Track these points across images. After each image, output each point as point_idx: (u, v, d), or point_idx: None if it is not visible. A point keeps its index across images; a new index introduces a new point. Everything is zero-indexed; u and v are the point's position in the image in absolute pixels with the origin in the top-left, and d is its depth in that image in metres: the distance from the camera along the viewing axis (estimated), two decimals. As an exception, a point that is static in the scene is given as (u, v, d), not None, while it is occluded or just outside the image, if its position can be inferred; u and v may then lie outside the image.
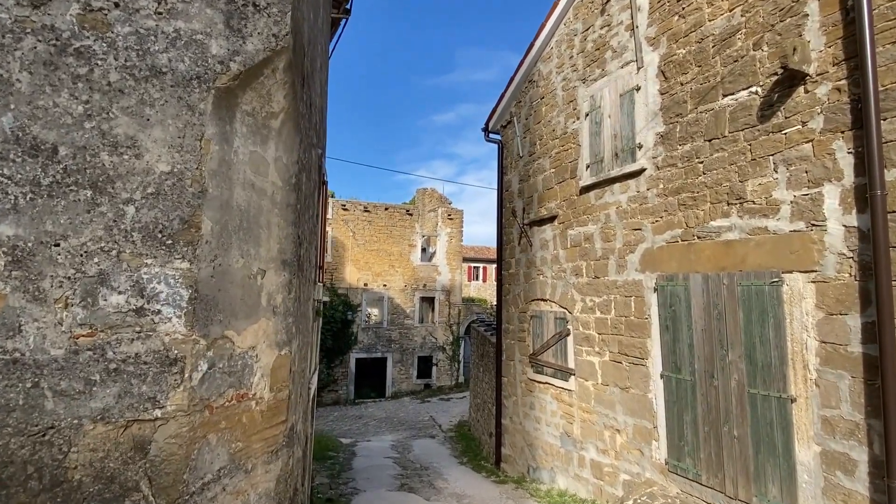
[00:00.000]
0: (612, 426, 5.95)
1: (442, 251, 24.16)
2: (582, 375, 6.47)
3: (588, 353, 6.37)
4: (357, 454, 11.04)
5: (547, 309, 7.25)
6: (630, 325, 5.70)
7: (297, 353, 3.49)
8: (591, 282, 6.36)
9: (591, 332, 6.33)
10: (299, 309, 3.52)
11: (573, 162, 6.80)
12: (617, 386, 5.88)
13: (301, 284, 3.61)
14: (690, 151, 5.04)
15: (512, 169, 8.40)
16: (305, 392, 4.43)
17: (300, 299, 3.55)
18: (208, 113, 2.42)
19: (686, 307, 5.01)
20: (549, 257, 7.22)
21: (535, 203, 7.61)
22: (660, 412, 5.30)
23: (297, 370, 3.47)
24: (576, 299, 6.62)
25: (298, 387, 3.65)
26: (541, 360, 7.30)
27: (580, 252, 6.58)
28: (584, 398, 6.44)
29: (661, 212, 5.35)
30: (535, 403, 7.46)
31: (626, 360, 5.76)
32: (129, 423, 2.15)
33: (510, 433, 8.16)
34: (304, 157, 3.56)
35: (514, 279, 8.15)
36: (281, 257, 2.98)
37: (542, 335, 7.31)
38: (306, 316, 4.12)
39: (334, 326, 21.00)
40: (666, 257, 5.26)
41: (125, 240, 2.19)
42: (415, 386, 23.30)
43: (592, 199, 6.38)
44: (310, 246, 4.33)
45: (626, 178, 5.81)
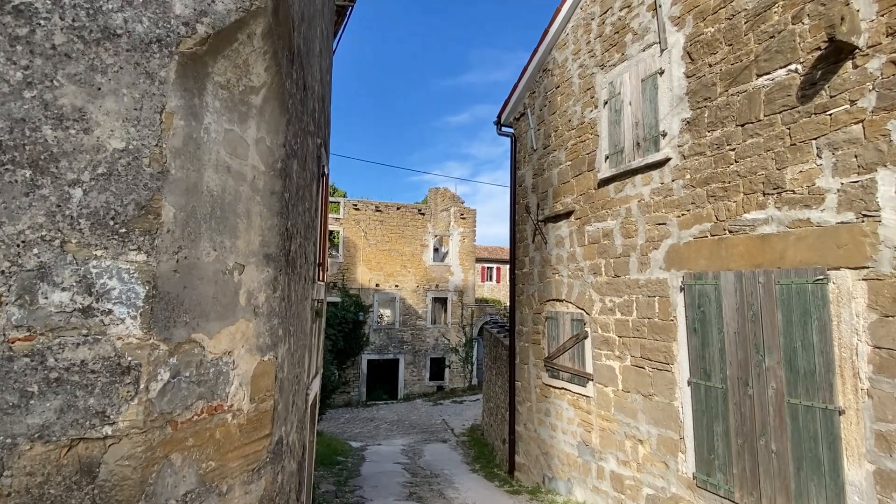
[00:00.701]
0: (633, 436, 5.54)
1: (454, 251, 23.80)
2: (601, 381, 6.06)
3: (607, 357, 5.96)
4: (366, 459, 10.73)
5: (563, 310, 6.85)
6: (654, 327, 5.28)
7: (287, 359, 3.16)
8: (610, 281, 5.95)
9: (610, 334, 5.92)
10: (289, 309, 3.19)
11: (591, 153, 6.40)
12: (639, 393, 5.46)
13: (292, 282, 3.28)
14: (721, 138, 4.62)
15: (525, 163, 8.01)
16: (301, 399, 4.11)
17: (290, 299, 3.22)
18: (171, 82, 2.09)
19: (717, 308, 4.58)
20: (564, 255, 6.82)
21: (550, 198, 7.21)
22: (687, 422, 4.88)
23: (286, 377, 3.14)
24: (594, 300, 6.21)
25: (289, 395, 3.32)
26: (556, 363, 6.90)
27: (598, 249, 6.17)
28: (603, 405, 6.03)
29: (687, 204, 4.93)
30: (551, 410, 7.07)
31: (649, 366, 5.34)
32: (73, 443, 1.83)
33: (524, 440, 7.76)
34: (294, 143, 3.23)
35: (528, 279, 7.76)
36: (264, 251, 2.65)
37: (558, 338, 6.92)
38: (300, 317, 3.79)
39: (346, 327, 20.77)
40: (693, 254, 4.84)
41: (71, 228, 1.87)
42: (427, 388, 22.97)
43: (612, 192, 5.98)
44: (305, 241, 4.01)
45: (649, 168, 5.39)
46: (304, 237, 3.96)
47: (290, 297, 3.22)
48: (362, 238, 22.10)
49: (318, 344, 5.29)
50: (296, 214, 3.42)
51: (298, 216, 3.55)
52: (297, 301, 3.56)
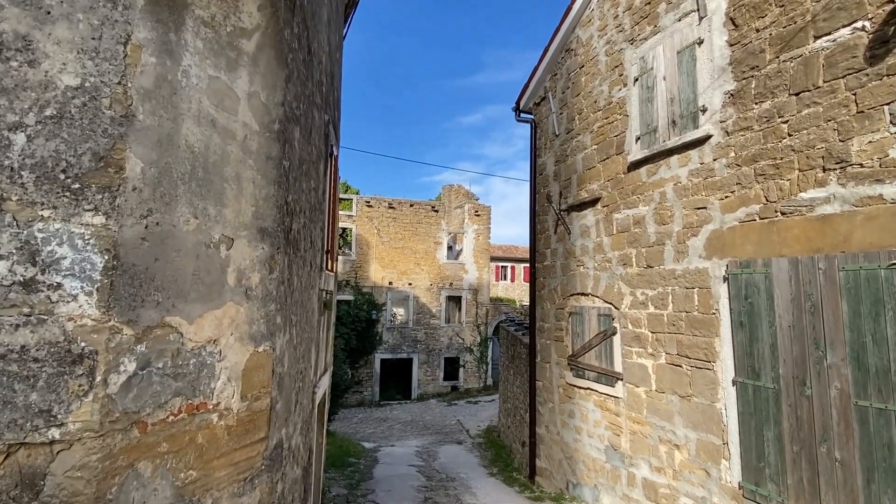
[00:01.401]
0: (669, 440, 5.08)
1: (469, 249, 23.37)
2: (631, 381, 5.60)
3: (639, 354, 5.50)
4: (379, 461, 10.36)
5: (588, 304, 6.40)
6: (692, 321, 4.82)
7: (288, 352, 2.78)
8: (642, 272, 5.49)
9: (642, 330, 5.46)
10: (290, 296, 2.81)
11: (619, 135, 5.94)
12: (675, 393, 5.00)
13: (294, 265, 2.90)
14: (771, 110, 4.14)
15: (546, 150, 7.57)
16: (307, 398, 3.73)
17: (292, 284, 2.84)
18: (138, 8, 1.72)
19: (767, 299, 4.11)
20: (590, 246, 6.37)
21: (574, 186, 6.77)
22: (731, 426, 4.41)
23: (287, 372, 2.76)
24: (624, 293, 5.75)
25: (291, 393, 2.95)
26: (581, 362, 6.46)
27: (629, 238, 5.71)
28: (634, 407, 5.57)
29: (731, 185, 4.46)
30: (575, 411, 6.62)
31: (686, 364, 4.88)
32: (10, 449, 1.46)
33: (546, 444, 7.32)
34: (296, 107, 2.85)
35: (550, 272, 7.31)
36: (258, 224, 2.27)
37: (583, 334, 6.47)
38: (305, 307, 3.41)
39: (359, 326, 20.46)
40: (739, 240, 4.38)
41: (10, 182, 1.51)
42: (441, 388, 22.58)
43: (644, 175, 5.52)
44: (311, 224, 3.63)
45: (687, 147, 4.93)
46: (310, 219, 3.59)
47: (292, 281, 2.84)
48: (375, 235, 21.78)
49: (326, 339, 4.92)
50: (298, 190, 3.04)
51: (302, 193, 3.17)
52: (300, 288, 3.18)
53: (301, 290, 3.22)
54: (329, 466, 9.18)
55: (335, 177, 4.75)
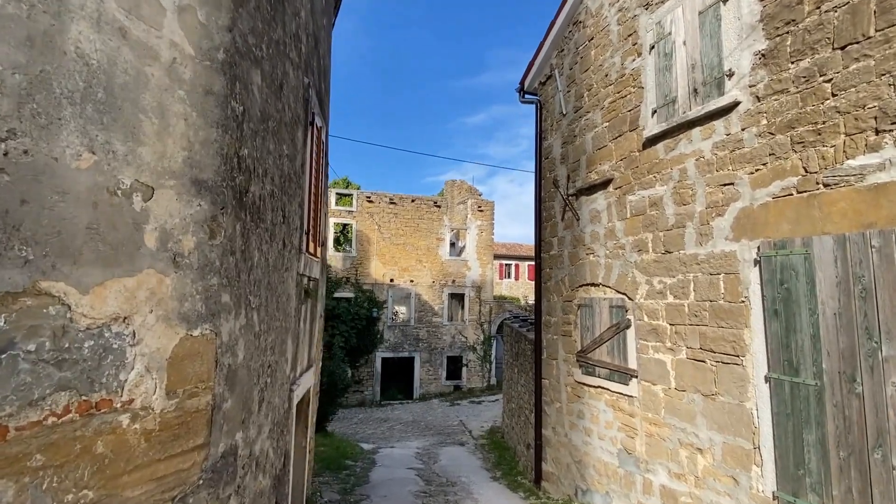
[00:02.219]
0: (690, 444, 4.57)
1: (472, 245, 22.87)
2: (648, 378, 5.10)
3: (656, 349, 4.99)
4: (377, 463, 9.89)
5: (599, 296, 5.90)
6: (717, 311, 4.31)
7: (246, 339, 2.30)
8: (659, 258, 4.99)
9: (660, 322, 4.96)
10: (249, 273, 2.33)
11: (633, 110, 5.44)
12: (698, 392, 4.50)
13: (255, 237, 2.42)
14: (810, 68, 3.64)
15: (553, 131, 7.07)
16: (281, 396, 3.25)
17: (250, 259, 2.36)
18: None
19: (807, 283, 3.60)
20: (601, 232, 5.87)
21: (583, 168, 6.27)
22: (764, 428, 3.90)
23: (243, 364, 2.28)
24: (639, 282, 5.25)
25: (252, 390, 2.46)
26: (591, 358, 5.95)
27: (644, 222, 5.21)
28: (650, 407, 5.07)
29: (763, 156, 3.96)
30: (585, 412, 6.12)
31: (711, 358, 4.37)
32: None
33: (553, 446, 6.82)
34: (255, 44, 2.37)
35: (557, 262, 6.81)
36: (193, 174, 1.79)
37: (594, 328, 5.97)
38: (275, 290, 2.93)
39: (359, 324, 19.99)
40: (773, 217, 3.87)
41: None
42: (443, 387, 22.10)
43: (661, 152, 5.01)
44: (285, 196, 3.16)
45: (711, 118, 4.43)
46: (282, 189, 3.11)
47: (250, 255, 2.35)
48: (376, 231, 21.32)
49: (310, 331, 4.44)
50: (262, 149, 2.56)
51: (269, 155, 2.69)
52: (266, 267, 2.70)
53: (268, 270, 2.74)
54: (323, 469, 8.71)
55: (319, 151, 4.27)
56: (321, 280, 5.28)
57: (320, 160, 4.34)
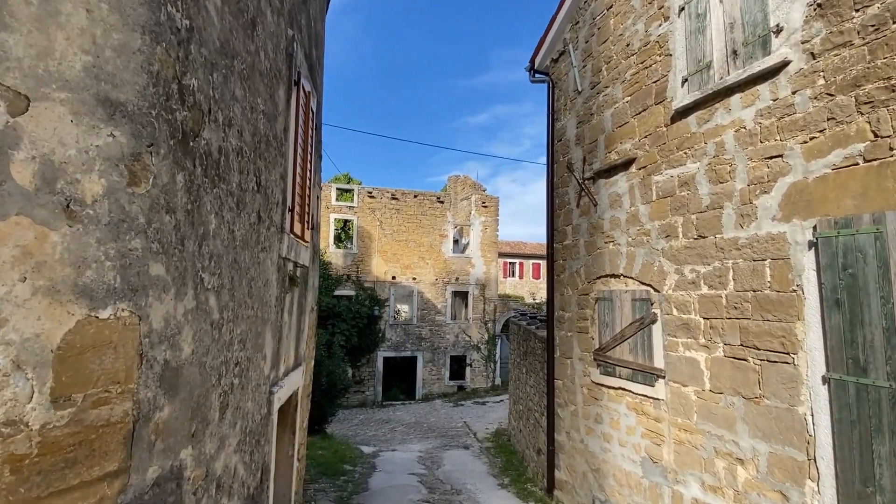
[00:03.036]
0: (729, 453, 4.03)
1: (476, 242, 22.33)
2: (677, 378, 4.56)
3: (687, 346, 4.45)
4: (377, 468, 9.36)
5: (620, 288, 5.36)
6: (763, 302, 3.77)
7: (196, 328, 1.78)
8: (691, 244, 4.44)
9: (691, 316, 4.42)
10: (203, 244, 1.81)
11: (659, 81, 4.89)
12: (738, 394, 3.95)
13: (212, 198, 1.90)
14: (881, 15, 3.09)
15: (566, 111, 6.53)
16: (256, 401, 2.72)
17: (205, 226, 1.83)
18: None
19: (879, 267, 3.06)
20: (622, 217, 5.33)
21: (601, 148, 5.73)
22: (821, 436, 3.36)
23: (192, 360, 1.75)
24: (667, 271, 4.71)
25: (210, 394, 1.94)
26: (611, 357, 5.42)
27: (673, 204, 4.67)
28: (680, 411, 4.53)
29: (820, 122, 3.41)
30: (603, 415, 5.58)
31: (754, 356, 3.83)
32: None
33: (567, 453, 6.28)
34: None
35: (572, 252, 6.27)
36: (99, 89, 1.26)
37: (613, 324, 5.42)
38: (245, 271, 2.40)
39: (360, 322, 19.47)
40: (833, 192, 3.32)
41: None
42: (447, 388, 21.56)
43: (693, 125, 4.47)
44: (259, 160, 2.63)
45: (754, 82, 3.88)
46: (258, 153, 2.58)
47: (205, 221, 1.83)
48: (377, 228, 20.79)
49: (297, 324, 3.91)
50: (225, 90, 2.03)
51: (234, 101, 2.16)
52: (232, 241, 2.18)
53: (234, 245, 2.21)
54: (320, 475, 8.19)
55: (308, 121, 3.75)
56: (312, 269, 4.76)
57: (309, 131, 3.81)
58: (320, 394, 12.63)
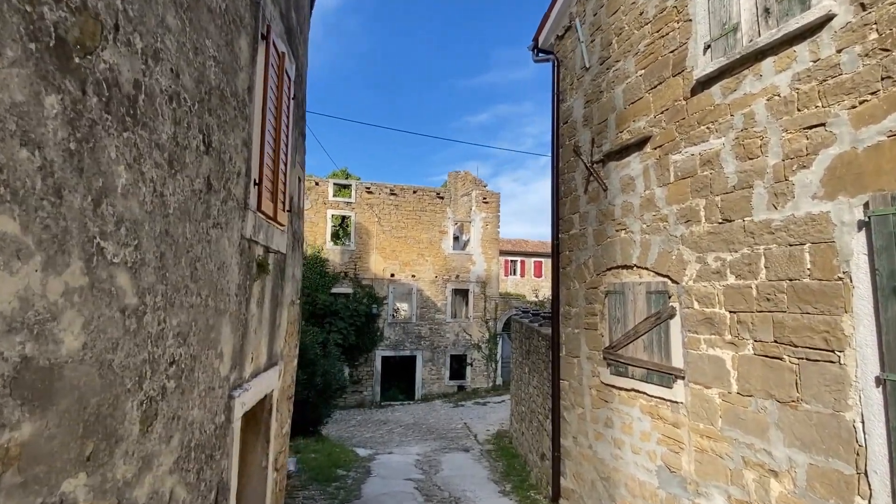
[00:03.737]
0: (760, 464, 3.57)
1: (476, 239, 21.86)
2: (699, 379, 4.09)
3: (711, 343, 3.98)
4: (372, 473, 8.90)
5: (633, 280, 4.89)
6: (802, 292, 3.30)
7: (89, 312, 1.31)
8: (716, 229, 3.98)
9: (716, 309, 3.95)
10: (100, 198, 1.34)
11: (678, 50, 4.43)
12: (771, 397, 3.49)
13: (117, 141, 1.43)
14: (951, -48, 2.62)
15: (573, 91, 6.06)
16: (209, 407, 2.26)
17: (108, 175, 1.37)
18: None
19: (950, 249, 2.59)
20: (636, 202, 4.86)
21: (612, 128, 5.26)
22: (874, 446, 2.89)
23: (83, 357, 1.28)
24: (686, 260, 4.24)
25: (120, 402, 1.47)
26: (623, 356, 4.95)
27: (694, 185, 4.20)
28: (702, 415, 4.06)
29: (872, 83, 2.94)
30: (614, 419, 5.11)
31: (791, 354, 3.36)
32: None
33: (574, 459, 5.82)
34: None
35: (579, 242, 5.81)
36: None
37: (625, 319, 4.96)
38: (187, 248, 1.95)
39: (358, 321, 19.02)
40: (889, 163, 2.86)
41: None
42: (447, 388, 21.10)
43: (717, 96, 4.00)
44: (216, 122, 2.18)
45: (791, 42, 3.41)
46: (206, 107, 2.12)
47: (107, 170, 1.36)
48: (376, 224, 20.33)
49: (269, 318, 3.45)
50: (147, 11, 1.56)
51: (164, 30, 1.71)
52: (162, 206, 1.72)
53: (165, 213, 1.75)
54: (311, 481, 7.74)
55: (281, 84, 3.28)
56: (292, 258, 4.29)
57: (284, 98, 3.34)
58: (315, 394, 12.19)
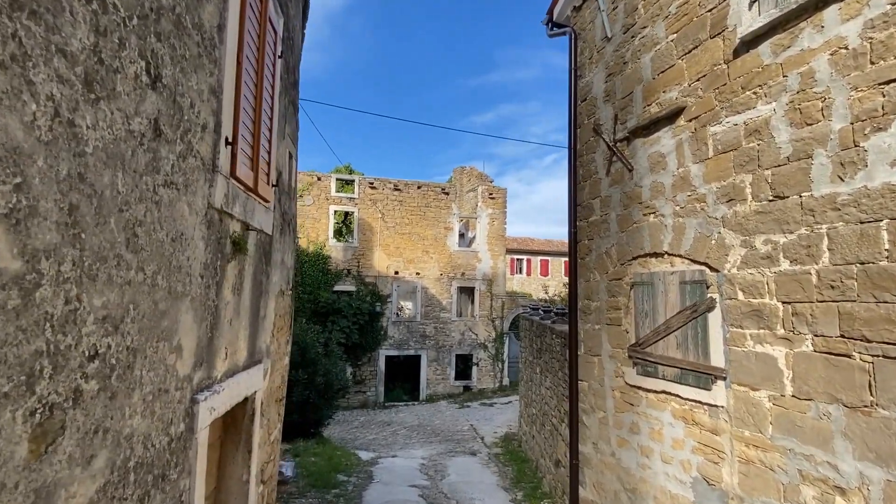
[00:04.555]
0: (821, 478, 3.06)
1: (482, 235, 21.35)
2: (745, 380, 3.58)
3: (759, 339, 3.48)
4: (374, 478, 8.42)
5: (664, 269, 4.39)
6: (877, 277, 2.80)
7: None
8: (765, 208, 3.47)
9: (765, 299, 3.44)
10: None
11: (717, 8, 3.92)
12: (837, 402, 2.98)
13: None
14: None
15: (592, 65, 5.56)
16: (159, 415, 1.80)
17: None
18: None
19: None
20: (667, 182, 4.36)
21: (638, 101, 4.76)
22: (975, 464, 2.38)
23: None
24: (729, 245, 3.73)
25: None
26: (651, 354, 4.45)
27: (738, 159, 3.69)
28: (748, 421, 3.56)
29: (974, 23, 2.43)
30: (641, 424, 4.61)
31: (862, 351, 2.86)
32: None
33: (594, 467, 5.32)
34: None
35: (600, 229, 5.31)
36: None
37: (655, 313, 4.46)
38: (108, 201, 1.47)
39: (361, 319, 18.56)
40: None
41: None
42: (452, 388, 20.60)
43: (766, 55, 3.49)
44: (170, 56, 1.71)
45: (863, -18, 2.90)
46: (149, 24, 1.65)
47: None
48: (379, 220, 19.85)
49: (249, 307, 2.97)
50: None
51: None
52: (69, 138, 1.23)
53: (76, 151, 1.27)
54: (309, 488, 7.27)
55: (262, 31, 2.80)
56: (281, 241, 3.82)
57: (265, 50, 2.86)
58: (316, 394, 11.73)
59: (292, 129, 4.19)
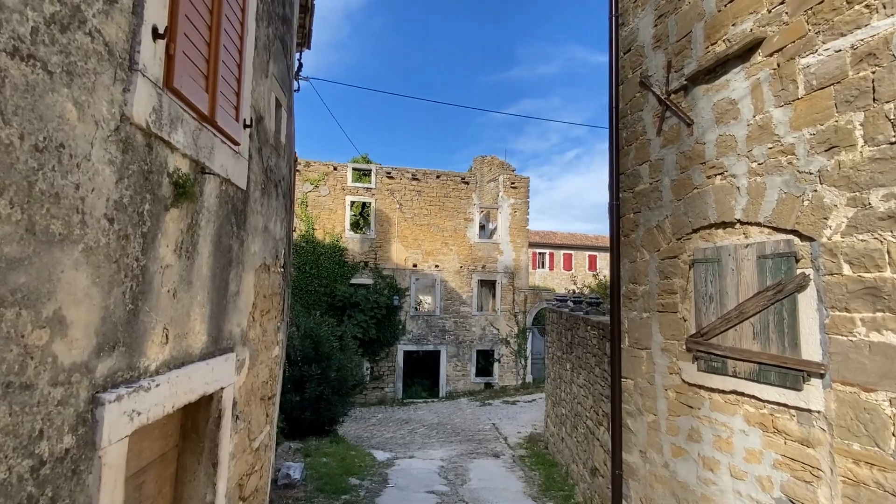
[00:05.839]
0: (976, 513, 2.25)
1: (504, 226, 20.53)
2: (851, 378, 2.78)
3: (876, 324, 2.67)
4: (389, 482, 7.77)
5: (735, 241, 3.59)
6: None
7: None
8: (883, 153, 2.65)
9: (885, 273, 2.64)
10: None
11: None
12: None
13: None
14: None
15: (638, 9, 4.76)
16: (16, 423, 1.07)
17: None
18: None
19: None
20: (740, 134, 3.55)
21: (699, 41, 3.95)
22: None
23: None
24: (829, 205, 2.92)
25: None
26: (718, 346, 3.66)
27: (843, 95, 2.88)
28: (856, 430, 2.76)
29: None
30: (703, 431, 3.83)
31: None
32: None
33: (641, 480, 4.54)
34: None
35: (650, 199, 4.52)
36: None
37: (722, 296, 3.67)
38: None
39: (378, 313, 17.96)
40: None
41: None
42: (473, 385, 19.87)
43: (887, -47, 2.67)
44: None
45: None
46: None
47: None
48: (397, 211, 19.20)
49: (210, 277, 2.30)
50: None
51: None
52: None
53: None
54: (317, 493, 6.65)
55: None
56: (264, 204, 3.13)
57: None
58: (330, 390, 11.15)
59: (281, 71, 3.49)
